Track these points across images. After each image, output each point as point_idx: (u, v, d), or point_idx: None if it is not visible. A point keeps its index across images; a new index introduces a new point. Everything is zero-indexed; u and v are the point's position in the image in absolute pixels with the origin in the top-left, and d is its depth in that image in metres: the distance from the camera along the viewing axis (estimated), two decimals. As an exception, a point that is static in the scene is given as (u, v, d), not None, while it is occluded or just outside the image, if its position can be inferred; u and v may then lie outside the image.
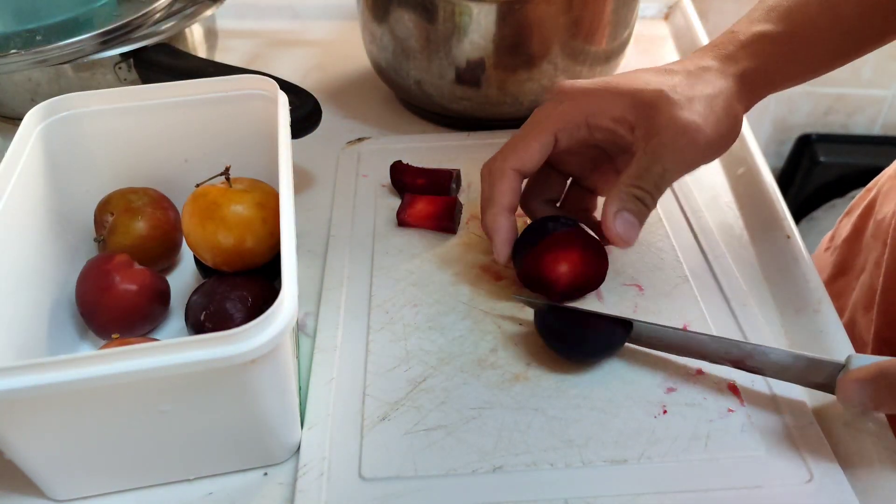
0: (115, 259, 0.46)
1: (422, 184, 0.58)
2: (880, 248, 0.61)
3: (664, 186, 0.45)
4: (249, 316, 0.44)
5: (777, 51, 0.47)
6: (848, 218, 0.71)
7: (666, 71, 0.46)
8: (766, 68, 0.47)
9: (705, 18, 0.82)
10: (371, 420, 0.42)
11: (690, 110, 0.44)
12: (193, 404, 0.36)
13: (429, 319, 0.48)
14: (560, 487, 0.39)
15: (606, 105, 0.46)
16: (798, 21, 0.46)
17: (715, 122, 0.44)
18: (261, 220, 0.45)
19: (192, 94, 0.50)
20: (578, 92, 0.47)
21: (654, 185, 0.45)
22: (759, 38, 0.46)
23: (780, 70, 0.47)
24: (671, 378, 0.44)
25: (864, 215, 0.67)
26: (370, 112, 0.71)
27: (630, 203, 0.44)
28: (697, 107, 0.44)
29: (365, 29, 0.66)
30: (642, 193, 0.45)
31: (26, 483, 0.38)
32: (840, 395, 0.39)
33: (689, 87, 0.45)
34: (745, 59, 0.46)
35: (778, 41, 0.46)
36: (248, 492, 0.40)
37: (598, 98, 0.46)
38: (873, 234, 0.64)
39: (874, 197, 0.66)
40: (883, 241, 0.61)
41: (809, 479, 0.39)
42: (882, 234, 0.61)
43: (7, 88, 0.63)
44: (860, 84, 1.35)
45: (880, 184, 0.66)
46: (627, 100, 0.45)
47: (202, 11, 0.67)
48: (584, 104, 0.46)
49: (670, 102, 0.44)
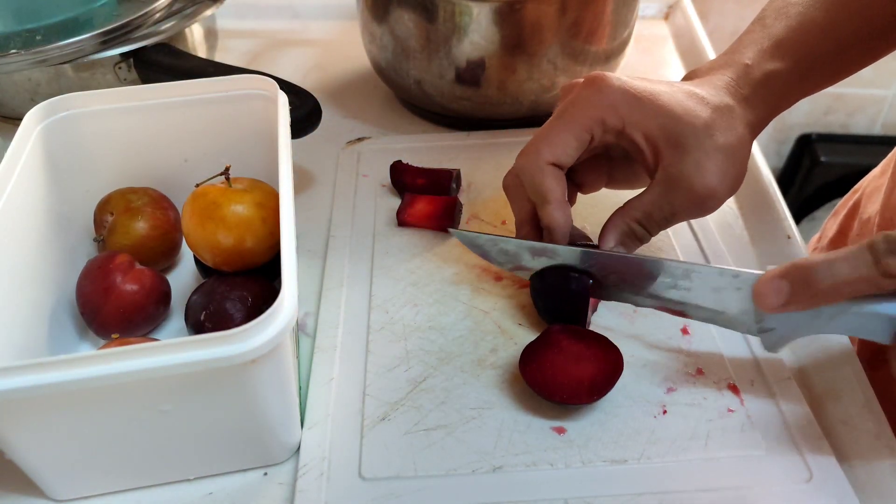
0: (116, 259, 0.46)
1: (422, 184, 0.58)
2: None
3: (666, 227, 0.46)
4: (249, 316, 0.44)
5: (787, 89, 0.47)
6: (834, 219, 0.71)
7: (698, 99, 0.44)
8: (774, 109, 0.47)
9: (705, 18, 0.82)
10: (371, 420, 0.42)
11: (716, 165, 0.43)
12: (193, 404, 0.36)
13: (429, 319, 0.48)
14: (560, 487, 0.39)
15: (647, 120, 0.44)
16: (803, 54, 0.46)
17: (732, 179, 0.45)
18: (260, 219, 0.45)
19: (192, 94, 0.50)
20: (622, 94, 0.44)
21: (657, 226, 0.45)
22: (772, 79, 0.46)
23: (783, 106, 0.47)
24: (671, 378, 0.44)
25: (850, 216, 0.67)
26: (370, 112, 0.71)
27: (628, 240, 0.46)
28: (721, 162, 0.43)
29: (365, 29, 0.66)
30: (643, 232, 0.46)
31: (26, 483, 0.38)
32: (756, 296, 0.40)
33: (720, 133, 0.44)
34: (759, 104, 0.46)
35: (787, 79, 0.46)
36: (248, 492, 0.40)
37: (640, 109, 0.44)
38: (858, 233, 0.64)
39: (859, 198, 0.67)
40: None
41: (809, 478, 0.39)
42: (868, 232, 0.62)
43: (7, 88, 0.63)
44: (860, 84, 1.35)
45: (865, 185, 0.67)
46: (666, 124, 0.43)
47: (202, 11, 0.67)
48: (626, 111, 0.44)
49: (701, 148, 0.43)
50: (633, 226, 0.45)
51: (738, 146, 0.44)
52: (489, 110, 0.64)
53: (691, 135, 0.43)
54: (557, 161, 0.45)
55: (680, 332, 0.47)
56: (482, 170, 0.61)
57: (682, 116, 0.43)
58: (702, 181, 0.43)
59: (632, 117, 0.44)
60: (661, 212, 0.45)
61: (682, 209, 0.45)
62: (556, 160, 0.45)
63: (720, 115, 0.44)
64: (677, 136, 0.43)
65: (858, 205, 0.66)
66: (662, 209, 0.45)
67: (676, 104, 0.44)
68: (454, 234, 0.49)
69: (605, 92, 0.44)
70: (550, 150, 0.45)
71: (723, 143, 0.44)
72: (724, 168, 0.44)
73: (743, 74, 0.46)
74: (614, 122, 0.44)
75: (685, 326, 0.47)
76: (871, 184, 0.66)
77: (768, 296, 0.39)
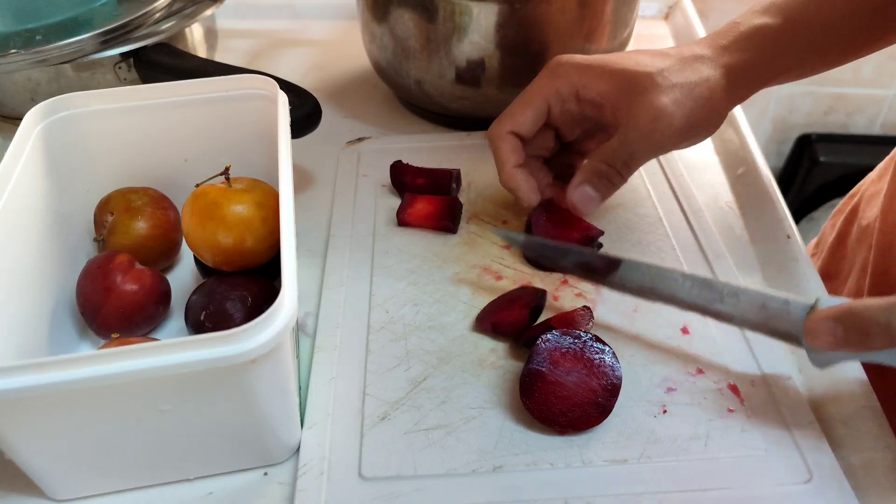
0: (116, 259, 0.46)
1: (422, 184, 0.58)
2: (865, 252, 0.61)
3: (633, 166, 0.49)
4: (249, 316, 0.44)
5: (772, 43, 0.48)
6: (832, 224, 0.71)
7: (661, 54, 0.48)
8: (760, 61, 0.48)
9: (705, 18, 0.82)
10: (371, 420, 0.42)
11: (668, 96, 0.46)
12: (193, 404, 0.36)
13: (429, 319, 0.48)
14: (560, 487, 0.39)
15: (596, 81, 0.48)
16: (795, 13, 0.47)
17: (690, 110, 0.46)
18: (260, 219, 0.45)
19: (192, 94, 0.50)
20: (572, 66, 0.49)
21: (623, 164, 0.48)
22: (757, 31, 0.47)
23: (774, 62, 0.48)
24: (671, 378, 0.44)
25: (848, 221, 0.67)
26: (370, 112, 0.71)
27: (594, 178, 0.49)
28: (676, 94, 0.46)
29: (365, 29, 0.66)
30: (610, 171, 0.48)
31: (26, 483, 0.38)
32: (807, 333, 0.40)
33: (676, 73, 0.46)
34: (738, 51, 0.47)
35: (774, 33, 0.47)
36: (248, 492, 0.40)
37: (589, 73, 0.48)
38: (857, 238, 0.64)
39: (857, 202, 0.66)
40: (868, 245, 0.61)
41: (809, 478, 0.39)
42: (867, 238, 0.62)
43: (7, 88, 0.63)
44: (860, 84, 1.35)
45: (863, 189, 0.67)
46: (617, 78, 0.47)
47: (202, 11, 0.67)
48: (576, 78, 0.49)
49: (653, 86, 0.46)
50: (599, 166, 0.48)
51: (699, 82, 0.46)
52: (489, 110, 0.64)
53: (643, 79, 0.46)
54: (516, 130, 0.51)
55: (680, 331, 0.47)
56: (482, 170, 0.61)
57: (634, 68, 0.47)
58: (655, 108, 0.46)
59: (583, 81, 0.48)
60: (623, 150, 0.48)
61: (639, 145, 0.48)
62: (516, 129, 0.51)
63: (681, 62, 0.47)
64: (629, 83, 0.47)
65: (857, 210, 0.66)
66: (623, 147, 0.48)
67: (629, 60, 0.48)
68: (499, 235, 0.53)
69: (559, 68, 0.49)
70: (511, 120, 0.51)
71: (679, 80, 0.46)
72: (681, 100, 0.46)
73: (728, 30, 0.48)
74: (568, 90, 0.49)
75: (685, 326, 0.47)
76: (870, 188, 0.65)
77: (820, 337, 0.39)
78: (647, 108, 0.46)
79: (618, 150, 0.48)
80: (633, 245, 0.53)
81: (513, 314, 0.46)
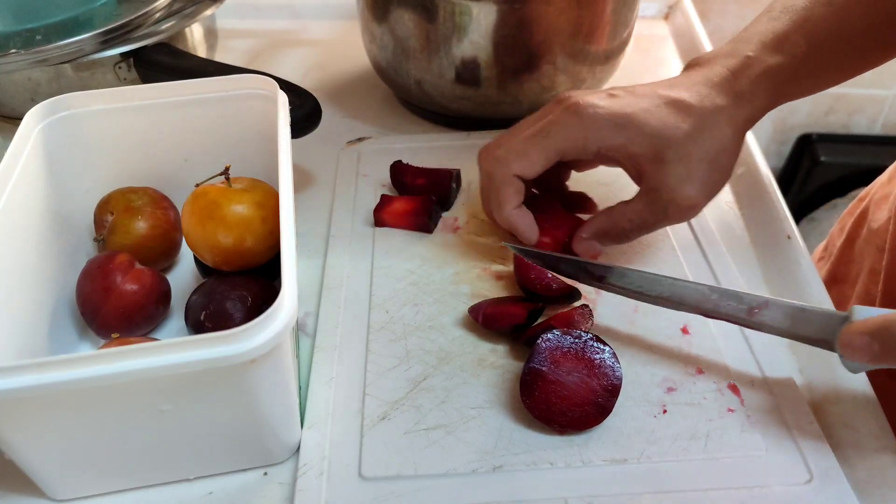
0: (116, 259, 0.46)
1: (422, 184, 0.58)
2: (876, 255, 0.61)
3: (647, 233, 0.49)
4: (249, 316, 0.44)
5: (787, 84, 0.47)
6: (840, 227, 0.71)
7: (684, 109, 0.45)
8: (775, 102, 0.47)
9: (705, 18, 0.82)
10: (371, 419, 0.42)
11: (697, 176, 0.45)
12: (193, 404, 0.36)
13: (429, 319, 0.48)
14: (560, 487, 0.39)
15: (625, 142, 0.45)
16: (806, 49, 0.46)
17: (714, 185, 0.47)
18: (260, 219, 0.45)
19: (192, 93, 0.50)
20: (592, 117, 0.45)
21: (637, 231, 0.48)
22: (773, 73, 0.46)
23: (789, 98, 0.48)
24: (671, 378, 0.44)
25: (857, 224, 0.67)
26: (370, 112, 0.71)
27: (603, 238, 0.49)
28: (703, 171, 0.46)
29: (365, 29, 0.66)
30: (621, 235, 0.49)
31: (26, 483, 0.38)
32: (842, 347, 0.39)
33: (702, 142, 0.45)
34: (757, 100, 0.46)
35: (788, 73, 0.46)
36: (248, 492, 0.40)
37: (618, 132, 0.45)
38: (867, 241, 0.64)
39: (866, 206, 0.66)
40: (879, 248, 0.61)
41: (809, 478, 0.39)
42: (878, 241, 0.61)
43: (7, 88, 0.63)
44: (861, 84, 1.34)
45: (872, 192, 0.67)
46: (646, 146, 0.45)
47: (202, 11, 0.67)
48: (597, 135, 0.46)
49: (681, 161, 0.45)
50: (611, 228, 0.48)
51: (721, 152, 0.46)
52: (489, 110, 0.64)
53: (671, 148, 0.45)
54: (523, 175, 0.48)
55: (680, 331, 0.47)
56: (482, 170, 0.60)
57: (662, 132, 0.45)
58: (682, 193, 0.46)
59: (611, 142, 0.46)
60: (644, 220, 0.48)
61: (663, 218, 0.47)
62: (522, 174, 0.48)
63: (704, 123, 0.45)
64: (657, 151, 0.45)
65: (866, 213, 0.66)
66: (644, 218, 0.47)
67: (656, 121, 0.45)
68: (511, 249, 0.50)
69: (585, 120, 0.46)
70: (519, 164, 0.47)
71: (705, 153, 0.45)
72: (706, 177, 0.46)
73: (743, 67, 0.47)
74: (592, 148, 0.46)
75: (685, 326, 0.47)
76: (879, 191, 0.65)
77: (855, 351, 0.38)
78: (679, 187, 0.45)
79: (641, 216, 0.47)
80: (633, 245, 0.53)
81: (507, 309, 0.46)
